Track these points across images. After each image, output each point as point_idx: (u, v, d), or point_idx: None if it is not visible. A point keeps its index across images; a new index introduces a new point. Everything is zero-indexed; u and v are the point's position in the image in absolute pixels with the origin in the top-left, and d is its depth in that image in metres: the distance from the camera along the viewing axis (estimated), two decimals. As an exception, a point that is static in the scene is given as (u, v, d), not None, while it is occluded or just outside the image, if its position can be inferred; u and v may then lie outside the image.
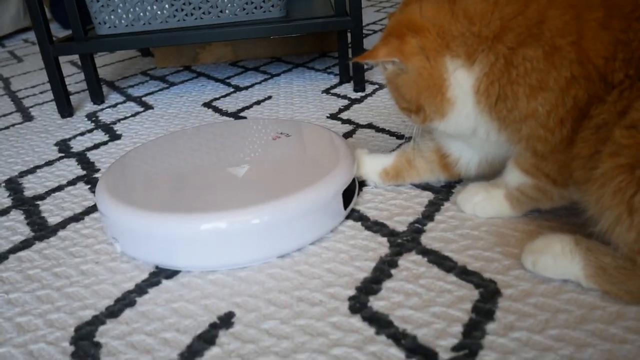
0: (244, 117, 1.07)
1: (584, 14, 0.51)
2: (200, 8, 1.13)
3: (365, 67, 1.26)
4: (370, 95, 1.14)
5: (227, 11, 1.15)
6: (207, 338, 0.50)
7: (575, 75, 0.51)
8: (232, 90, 1.27)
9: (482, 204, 0.64)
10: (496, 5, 0.54)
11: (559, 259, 0.51)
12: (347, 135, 0.94)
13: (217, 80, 1.36)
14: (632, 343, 0.45)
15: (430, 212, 0.67)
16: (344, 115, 1.04)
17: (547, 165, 0.57)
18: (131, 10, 1.12)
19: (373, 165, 0.73)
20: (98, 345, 0.50)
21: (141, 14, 1.13)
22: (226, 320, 0.52)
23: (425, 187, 0.73)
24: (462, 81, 0.57)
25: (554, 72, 0.52)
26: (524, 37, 0.53)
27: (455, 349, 0.46)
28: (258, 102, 1.16)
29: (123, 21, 1.13)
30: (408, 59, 0.58)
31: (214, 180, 0.66)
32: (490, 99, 0.56)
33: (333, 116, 1.04)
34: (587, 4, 0.51)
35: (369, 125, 0.97)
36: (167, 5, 1.13)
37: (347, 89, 1.20)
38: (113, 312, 0.54)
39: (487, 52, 0.55)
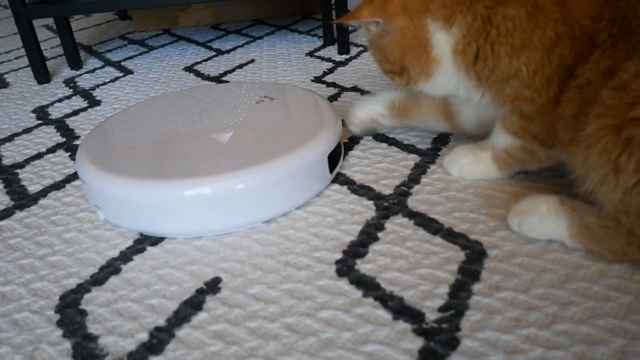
0: (227, 81, 1.05)
1: None
2: (178, -32, 1.09)
3: (350, 29, 1.24)
4: (355, 57, 1.12)
5: (206, -29, 1.11)
6: (194, 303, 0.49)
7: (560, 34, 0.51)
8: (213, 54, 1.24)
9: (469, 167, 0.64)
10: None
11: (544, 219, 0.52)
12: (332, 98, 0.93)
13: (198, 43, 1.32)
14: (614, 300, 0.45)
15: (416, 175, 0.67)
16: (329, 78, 1.02)
17: (534, 126, 0.56)
18: (106, -30, 1.08)
19: (382, 99, 0.72)
20: (84, 313, 0.49)
21: (117, -26, 1.09)
22: (213, 286, 0.51)
23: (411, 150, 0.73)
24: (442, 42, 0.57)
25: (538, 32, 0.51)
26: None
27: (441, 309, 0.46)
28: (240, 66, 1.13)
29: (98, -18, 1.09)
30: (392, 19, 0.57)
31: (197, 146, 0.65)
32: (467, 58, 0.56)
33: (317, 79, 1.02)
34: None
35: (354, 88, 0.96)
36: (144, -35, 1.09)
37: (332, 51, 1.18)
38: (98, 279, 0.54)
39: (464, 14, 0.55)
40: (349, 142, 0.76)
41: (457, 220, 0.58)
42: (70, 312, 0.50)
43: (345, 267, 0.52)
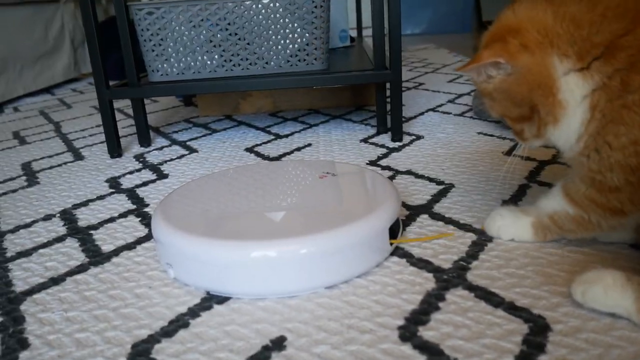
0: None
1: None
2: (247, 59, 1.20)
3: (403, 119, 1.30)
4: (407, 145, 1.17)
5: (272, 63, 1.21)
6: (260, 359, 0.51)
7: None
8: (272, 137, 1.31)
9: (506, 227, 0.69)
10: (604, 17, 0.53)
11: (609, 290, 0.52)
12: (387, 180, 0.96)
13: (257, 128, 1.41)
14: (688, 379, 0.44)
15: (474, 252, 0.68)
16: (383, 162, 1.07)
17: (616, 197, 0.56)
18: (183, 59, 1.19)
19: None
20: (155, 362, 0.51)
21: (192, 63, 1.20)
22: (278, 344, 0.53)
23: (468, 228, 0.74)
24: (573, 87, 0.56)
25: None
26: (636, 59, 0.51)
27: (508, 377, 0.46)
28: (298, 149, 1.20)
29: (175, 69, 1.20)
30: (514, 57, 0.56)
31: (265, 212, 0.69)
32: (605, 118, 0.54)
33: (372, 163, 1.07)
34: None
35: (408, 172, 1.00)
36: (216, 56, 1.20)
37: (385, 139, 1.23)
38: (168, 332, 0.56)
39: (602, 63, 0.53)
40: (406, 219, 0.79)
41: (518, 295, 0.58)
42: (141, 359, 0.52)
43: (408, 333, 0.53)
